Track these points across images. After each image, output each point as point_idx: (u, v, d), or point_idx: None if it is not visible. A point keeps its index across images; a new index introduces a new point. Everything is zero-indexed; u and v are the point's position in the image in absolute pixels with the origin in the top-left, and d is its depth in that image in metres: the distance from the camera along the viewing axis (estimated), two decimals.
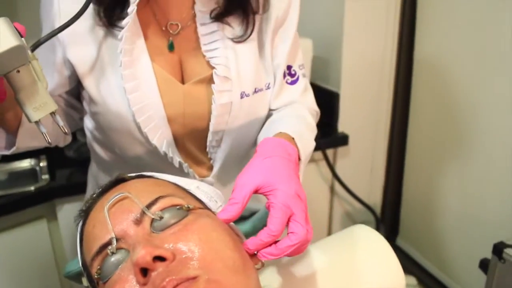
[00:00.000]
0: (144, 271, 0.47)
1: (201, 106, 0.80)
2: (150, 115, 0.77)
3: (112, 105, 0.77)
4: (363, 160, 1.83)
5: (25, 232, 1.31)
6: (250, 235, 0.85)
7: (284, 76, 0.86)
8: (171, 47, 0.80)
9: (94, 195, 0.62)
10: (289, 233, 0.57)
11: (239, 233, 0.62)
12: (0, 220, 1.24)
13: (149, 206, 0.54)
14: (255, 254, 0.56)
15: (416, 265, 1.86)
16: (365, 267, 0.67)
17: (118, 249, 0.52)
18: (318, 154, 1.68)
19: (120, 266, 0.51)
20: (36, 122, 0.61)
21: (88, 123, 0.87)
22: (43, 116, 0.61)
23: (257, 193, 0.60)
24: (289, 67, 0.86)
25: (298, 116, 0.84)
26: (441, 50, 1.60)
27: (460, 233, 1.64)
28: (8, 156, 0.81)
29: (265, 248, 0.56)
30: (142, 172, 0.66)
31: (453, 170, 1.63)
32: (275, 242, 0.56)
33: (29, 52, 0.59)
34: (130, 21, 0.73)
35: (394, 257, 0.67)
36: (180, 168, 0.84)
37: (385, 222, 1.96)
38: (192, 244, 0.49)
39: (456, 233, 1.66)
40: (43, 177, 1.34)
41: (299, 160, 0.73)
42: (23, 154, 1.31)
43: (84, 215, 0.60)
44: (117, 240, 0.52)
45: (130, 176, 0.64)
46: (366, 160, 1.84)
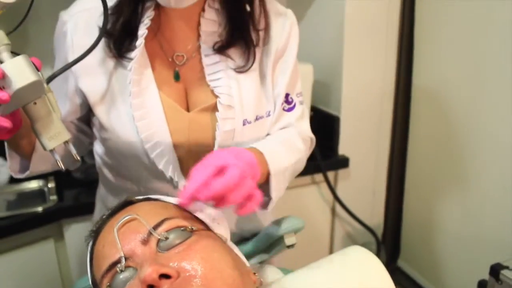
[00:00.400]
0: None
1: (205, 133, 0.82)
2: (157, 142, 0.79)
3: (122, 132, 0.80)
4: (364, 183, 1.84)
5: (33, 252, 1.33)
6: (252, 255, 0.87)
7: (282, 104, 0.88)
8: (177, 77, 0.82)
9: (104, 217, 0.65)
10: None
11: (239, 253, 0.65)
12: (8, 240, 1.26)
13: (155, 227, 0.58)
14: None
15: (417, 286, 1.86)
16: None
17: (127, 267, 0.55)
18: (319, 176, 1.70)
19: (128, 283, 0.54)
20: (51, 150, 0.65)
21: (98, 149, 0.89)
22: (57, 145, 0.65)
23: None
24: (287, 95, 0.89)
25: (280, 136, 0.86)
26: (439, 75, 1.63)
27: (459, 254, 1.65)
28: (18, 178, 0.83)
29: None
30: (149, 195, 0.69)
31: (452, 193, 1.64)
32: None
33: (45, 85, 0.62)
34: (138, 54, 0.77)
35: (388, 278, 0.67)
36: None
37: (387, 244, 1.96)
38: (195, 263, 0.53)
39: (456, 254, 1.67)
40: (51, 198, 1.35)
41: (268, 172, 0.77)
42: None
43: (94, 235, 0.64)
44: (126, 258, 0.55)
45: (138, 199, 0.67)
46: (367, 182, 1.85)
